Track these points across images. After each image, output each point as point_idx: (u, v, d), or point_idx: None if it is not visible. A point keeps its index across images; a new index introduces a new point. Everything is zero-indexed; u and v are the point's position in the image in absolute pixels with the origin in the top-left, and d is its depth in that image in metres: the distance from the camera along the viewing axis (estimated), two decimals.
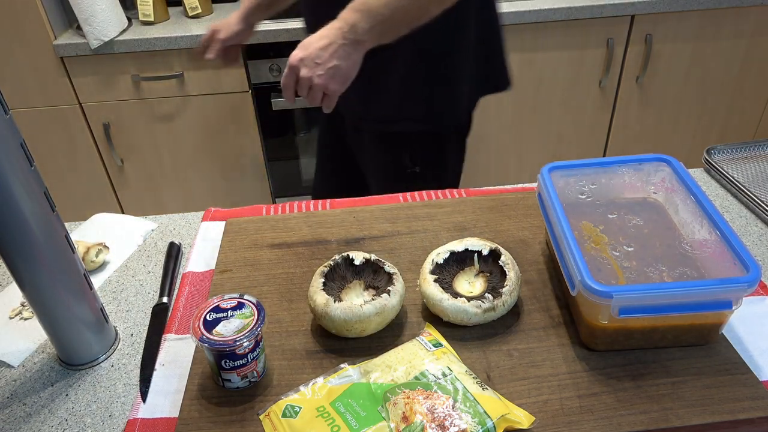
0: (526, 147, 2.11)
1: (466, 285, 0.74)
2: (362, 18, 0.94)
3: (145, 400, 0.65)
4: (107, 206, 2.07)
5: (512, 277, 0.70)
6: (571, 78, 1.96)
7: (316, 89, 0.99)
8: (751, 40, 1.94)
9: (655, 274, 0.67)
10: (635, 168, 0.79)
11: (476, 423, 0.56)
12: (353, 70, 0.99)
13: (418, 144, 1.18)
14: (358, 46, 0.96)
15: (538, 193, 0.78)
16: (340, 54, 0.96)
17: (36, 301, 0.65)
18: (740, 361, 0.64)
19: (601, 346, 0.66)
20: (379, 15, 0.94)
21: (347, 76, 0.99)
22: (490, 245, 0.75)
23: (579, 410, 0.60)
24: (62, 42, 1.77)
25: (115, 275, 0.85)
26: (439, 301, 0.68)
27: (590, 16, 1.81)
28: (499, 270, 0.73)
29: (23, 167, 0.58)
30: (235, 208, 0.96)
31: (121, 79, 1.84)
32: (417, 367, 0.62)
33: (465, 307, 0.67)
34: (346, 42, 0.95)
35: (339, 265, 0.74)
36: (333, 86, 0.99)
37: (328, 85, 0.99)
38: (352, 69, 0.99)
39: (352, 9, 0.95)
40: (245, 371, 0.63)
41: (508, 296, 0.69)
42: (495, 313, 0.68)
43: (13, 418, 0.65)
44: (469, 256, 0.75)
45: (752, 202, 0.90)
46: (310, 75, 0.97)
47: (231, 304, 0.65)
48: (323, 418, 0.58)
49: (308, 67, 0.97)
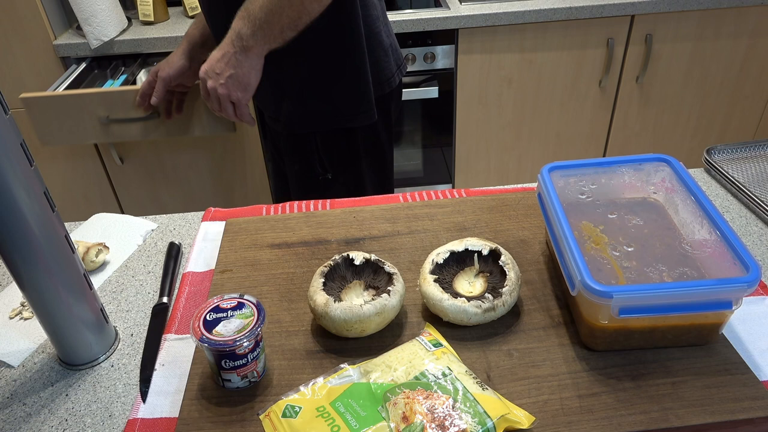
0: (526, 147, 2.11)
1: (466, 285, 0.74)
2: (244, 24, 0.97)
3: (145, 400, 0.65)
4: (107, 206, 2.07)
5: (512, 277, 0.70)
6: (571, 78, 1.96)
7: (222, 99, 1.04)
8: (751, 40, 1.94)
9: (655, 274, 0.67)
10: (635, 168, 0.79)
11: (476, 423, 0.56)
12: (251, 76, 1.02)
13: (327, 147, 1.17)
14: (248, 53, 0.99)
15: (538, 193, 0.78)
16: (233, 62, 1.00)
17: (36, 301, 0.65)
18: (740, 361, 0.64)
19: (601, 346, 0.66)
20: (258, 19, 0.96)
21: (245, 82, 1.03)
22: (490, 245, 0.75)
23: (579, 410, 0.60)
24: (62, 42, 1.77)
25: (115, 275, 0.85)
26: (439, 301, 0.68)
27: (590, 16, 1.82)
28: (499, 270, 0.73)
29: (23, 167, 0.58)
30: (235, 208, 0.96)
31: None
32: (417, 367, 0.62)
33: (465, 307, 0.67)
34: (237, 50, 0.99)
35: (339, 265, 0.74)
36: (235, 94, 1.03)
37: (230, 94, 1.03)
38: (249, 75, 1.02)
39: (238, 17, 0.98)
40: (245, 371, 0.63)
41: (508, 296, 0.69)
42: (495, 313, 0.68)
43: (13, 418, 0.65)
44: (469, 256, 0.75)
45: (752, 202, 0.90)
46: (214, 85, 1.02)
47: (231, 304, 0.65)
48: (323, 418, 0.58)
49: (212, 79, 1.02)
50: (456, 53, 1.88)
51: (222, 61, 1.01)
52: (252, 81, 1.03)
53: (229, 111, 1.07)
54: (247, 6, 0.97)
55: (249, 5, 0.97)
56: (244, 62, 1.00)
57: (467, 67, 1.91)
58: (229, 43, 0.99)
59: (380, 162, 1.26)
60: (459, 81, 1.93)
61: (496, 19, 1.80)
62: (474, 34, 1.84)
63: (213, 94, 1.04)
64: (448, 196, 0.95)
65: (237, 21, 0.98)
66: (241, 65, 1.00)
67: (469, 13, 1.79)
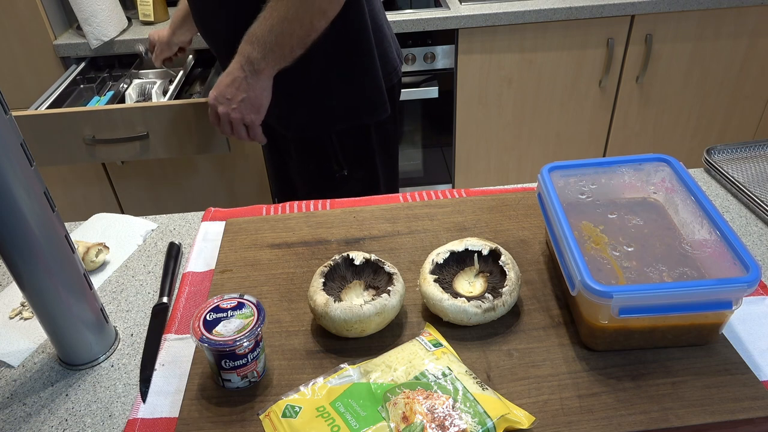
0: (526, 147, 2.11)
1: (466, 285, 0.74)
2: (253, 49, 0.98)
3: (145, 400, 0.65)
4: (107, 206, 2.07)
5: (512, 277, 0.70)
6: (571, 78, 1.96)
7: (236, 123, 1.06)
8: (751, 40, 1.94)
9: (655, 274, 0.67)
10: (635, 168, 0.79)
11: (476, 423, 0.56)
12: (263, 97, 1.04)
13: (343, 145, 1.18)
14: (259, 75, 1.00)
15: (538, 193, 0.78)
16: (244, 87, 1.01)
17: (36, 301, 0.65)
18: (740, 361, 0.64)
19: (601, 346, 0.66)
20: (267, 42, 0.97)
21: (259, 104, 1.04)
22: (490, 245, 0.75)
23: (579, 410, 0.60)
24: (62, 42, 1.77)
25: (115, 275, 0.85)
26: (439, 301, 0.68)
27: (590, 16, 1.82)
28: (499, 270, 0.73)
29: (23, 167, 0.58)
30: (235, 208, 0.96)
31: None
32: (417, 367, 0.62)
33: (465, 307, 0.67)
34: (247, 74, 1.00)
35: (339, 265, 0.74)
36: (249, 117, 1.05)
37: (244, 117, 1.05)
38: (261, 97, 1.04)
39: (245, 41, 0.99)
40: (245, 371, 0.63)
41: (508, 296, 0.69)
42: (495, 313, 0.68)
43: (13, 418, 0.65)
44: (469, 256, 0.75)
45: (752, 202, 0.90)
46: (226, 111, 1.04)
47: (231, 304, 0.65)
48: (323, 418, 0.58)
49: (223, 105, 1.03)
50: (456, 53, 1.88)
51: (233, 86, 1.01)
52: (264, 102, 1.04)
53: (242, 133, 1.09)
54: (254, 30, 0.97)
55: (256, 29, 0.97)
56: (255, 85, 1.01)
57: (467, 67, 1.91)
58: (239, 68, 1.00)
59: (391, 154, 1.27)
60: (459, 81, 1.93)
61: (496, 19, 1.80)
62: (474, 34, 1.84)
63: (225, 118, 1.05)
64: (448, 196, 0.95)
65: (245, 45, 0.99)
66: (253, 88, 1.01)
67: (469, 13, 1.79)
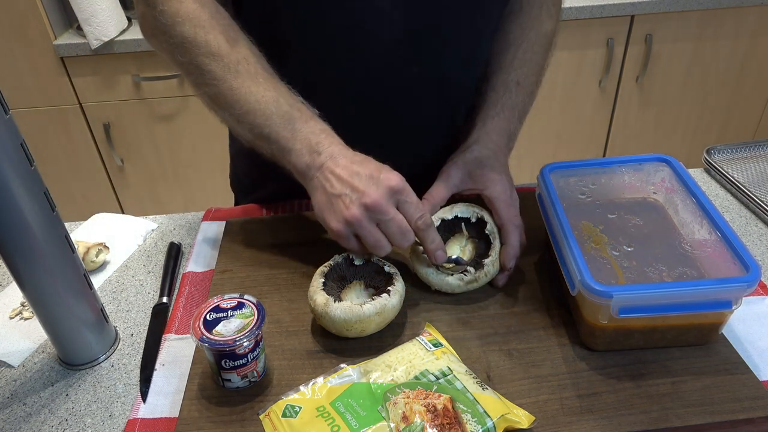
0: (526, 147, 2.11)
1: (458, 250, 0.77)
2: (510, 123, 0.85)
3: (145, 400, 0.65)
4: (107, 206, 2.08)
5: (497, 247, 0.73)
6: (571, 78, 1.96)
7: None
8: (751, 40, 1.94)
9: (655, 274, 0.67)
10: (635, 168, 0.79)
11: (476, 423, 0.56)
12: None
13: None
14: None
15: (538, 193, 0.78)
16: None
17: (36, 301, 0.65)
18: (740, 361, 0.64)
19: (601, 346, 0.66)
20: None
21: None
22: (478, 213, 0.77)
23: (579, 410, 0.60)
24: (62, 42, 1.77)
25: (115, 275, 0.85)
26: (425, 274, 0.74)
27: (590, 16, 1.82)
28: (486, 238, 0.76)
29: (23, 167, 0.58)
30: (235, 208, 0.96)
31: (122, 79, 1.84)
32: (417, 366, 0.62)
33: (448, 280, 0.72)
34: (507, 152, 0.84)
35: (339, 265, 0.74)
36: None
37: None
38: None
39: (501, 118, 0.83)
40: (245, 371, 0.63)
41: (491, 266, 0.72)
42: (477, 284, 0.73)
43: (13, 418, 0.65)
44: (459, 223, 0.78)
45: (752, 202, 0.90)
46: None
47: (231, 304, 0.65)
48: (323, 418, 0.58)
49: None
50: None
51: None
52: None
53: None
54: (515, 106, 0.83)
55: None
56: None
57: None
58: (506, 151, 0.83)
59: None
60: None
61: None
62: None
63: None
64: None
65: (502, 122, 0.83)
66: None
67: None
